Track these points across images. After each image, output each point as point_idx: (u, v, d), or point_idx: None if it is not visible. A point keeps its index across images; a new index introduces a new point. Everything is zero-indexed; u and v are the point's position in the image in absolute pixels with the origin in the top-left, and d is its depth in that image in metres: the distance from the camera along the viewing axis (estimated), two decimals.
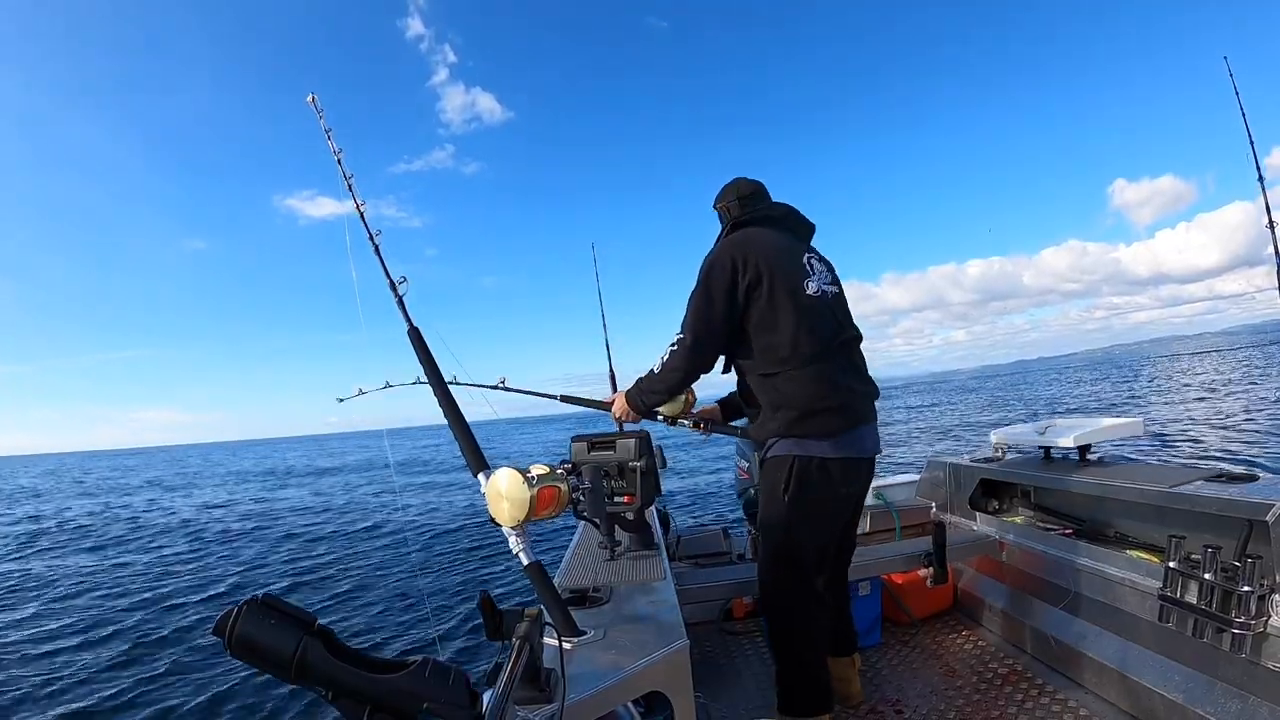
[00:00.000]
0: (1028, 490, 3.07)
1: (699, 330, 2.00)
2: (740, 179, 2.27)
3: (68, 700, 4.55)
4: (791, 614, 2.04)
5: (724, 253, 2.01)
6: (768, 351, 1.99)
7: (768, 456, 2.04)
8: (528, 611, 1.04)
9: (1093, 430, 2.72)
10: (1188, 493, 2.10)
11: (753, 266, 1.96)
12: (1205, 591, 1.85)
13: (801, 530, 2.01)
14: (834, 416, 1.97)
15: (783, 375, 1.98)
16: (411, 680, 0.75)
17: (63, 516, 16.27)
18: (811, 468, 1.96)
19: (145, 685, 4.70)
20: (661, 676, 1.34)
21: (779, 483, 1.98)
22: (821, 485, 1.98)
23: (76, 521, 14.86)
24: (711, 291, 1.98)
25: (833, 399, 1.97)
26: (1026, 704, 2.27)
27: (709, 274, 2.00)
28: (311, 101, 1.87)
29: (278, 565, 8.76)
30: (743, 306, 1.98)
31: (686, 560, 3.17)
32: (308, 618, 0.72)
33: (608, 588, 1.79)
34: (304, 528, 11.52)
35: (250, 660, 0.68)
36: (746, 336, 2.02)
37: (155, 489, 23.57)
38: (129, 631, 6.01)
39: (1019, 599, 2.75)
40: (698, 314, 2.00)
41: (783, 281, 1.97)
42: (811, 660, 2.05)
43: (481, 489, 1.43)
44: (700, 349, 2.01)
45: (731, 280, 1.96)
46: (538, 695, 1.08)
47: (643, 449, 2.16)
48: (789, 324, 1.95)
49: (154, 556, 9.87)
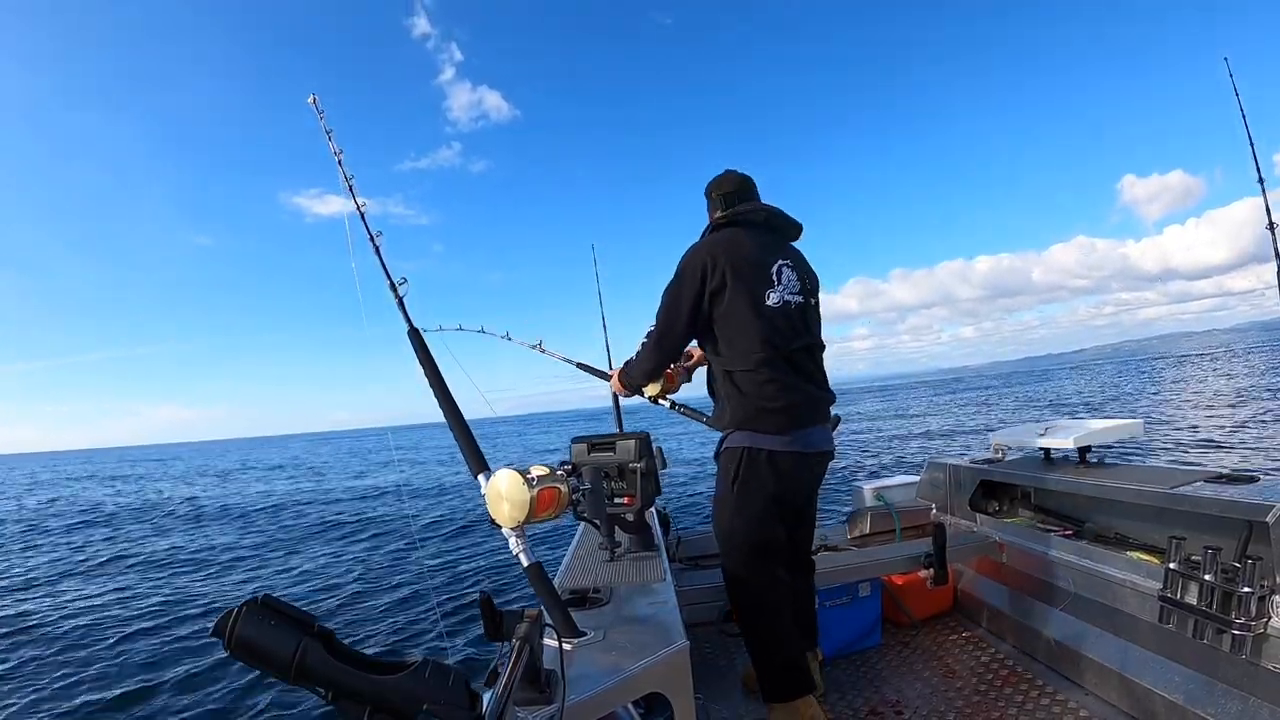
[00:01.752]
0: (1028, 491, 3.07)
1: (663, 326, 2.16)
2: (728, 173, 2.33)
3: (65, 699, 4.54)
4: (750, 598, 2.11)
5: (697, 256, 2.13)
6: (728, 350, 2.11)
7: (722, 449, 2.16)
8: (528, 612, 1.04)
9: (1092, 431, 2.72)
10: (1188, 494, 2.10)
11: (719, 273, 2.07)
12: (1205, 593, 1.85)
13: (747, 517, 2.09)
14: (782, 416, 2.07)
15: (739, 374, 2.10)
16: (411, 681, 0.75)
17: (51, 512, 16.27)
18: (760, 459, 2.07)
19: (143, 685, 4.69)
20: (661, 677, 1.34)
21: (729, 472, 2.11)
22: (768, 475, 2.08)
23: (72, 516, 14.87)
24: (681, 290, 2.11)
25: (783, 399, 2.07)
26: (1027, 705, 2.27)
27: (681, 274, 2.13)
28: (313, 102, 1.87)
29: (278, 559, 8.77)
30: (708, 309, 2.11)
31: (687, 561, 3.17)
32: (307, 619, 0.72)
33: (608, 589, 1.79)
34: (305, 523, 11.53)
35: (250, 661, 0.68)
36: (713, 333, 2.14)
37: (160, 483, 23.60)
38: (126, 629, 6.00)
39: (1019, 600, 2.75)
40: (666, 311, 2.15)
41: (745, 290, 2.08)
42: (777, 643, 2.09)
43: (482, 490, 1.43)
44: (663, 343, 2.19)
45: (700, 284, 2.09)
46: (538, 696, 1.08)
47: (643, 450, 2.16)
48: (749, 329, 2.07)
49: (159, 549, 9.88)
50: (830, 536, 3.40)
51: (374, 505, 14.74)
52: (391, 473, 22.30)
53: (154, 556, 9.90)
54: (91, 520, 14.55)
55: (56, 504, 19.23)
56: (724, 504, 2.12)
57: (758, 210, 2.25)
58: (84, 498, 20.76)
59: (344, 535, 10.57)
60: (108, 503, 18.65)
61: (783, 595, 2.13)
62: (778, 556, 2.16)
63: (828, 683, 2.55)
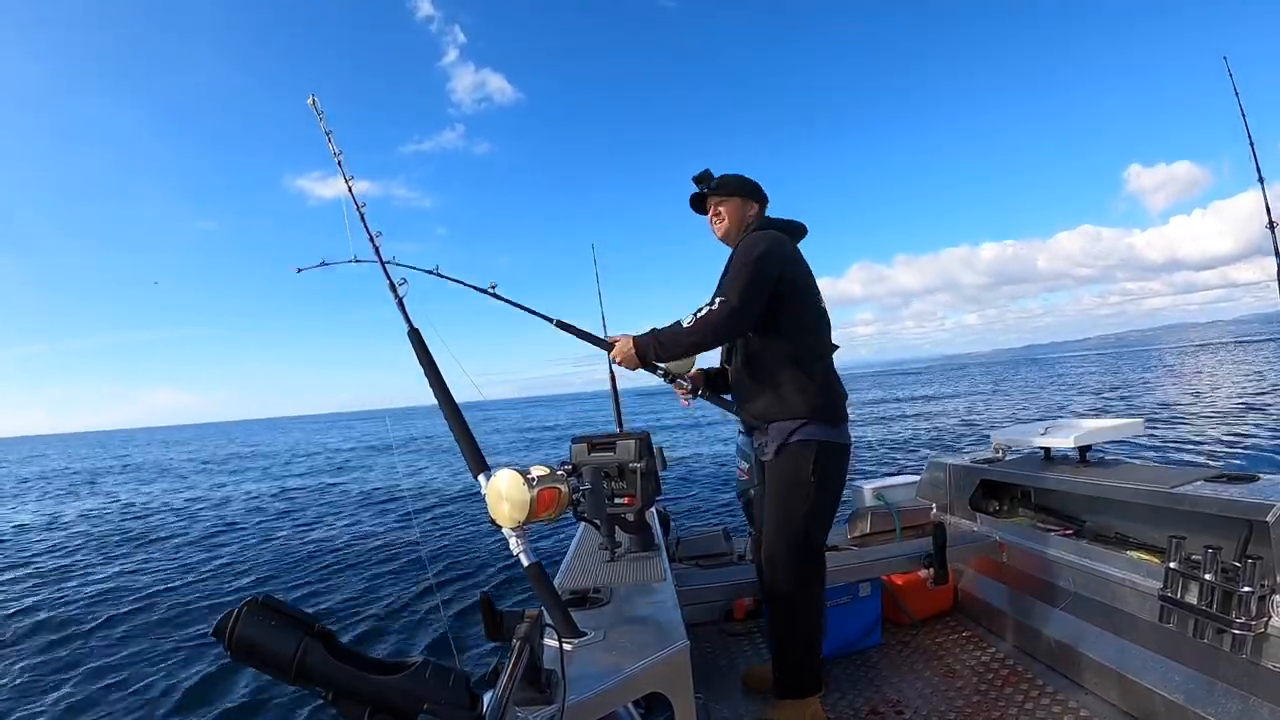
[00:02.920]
0: (1028, 491, 3.07)
1: (747, 298, 2.03)
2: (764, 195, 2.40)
3: (60, 694, 4.54)
4: (805, 598, 2.13)
5: (778, 245, 2.15)
6: (800, 337, 2.15)
7: (790, 441, 2.09)
8: (528, 613, 1.04)
9: (1093, 430, 2.72)
10: (1188, 493, 2.10)
11: (792, 265, 2.16)
12: (1205, 592, 1.85)
13: (822, 514, 2.14)
14: (843, 410, 2.20)
15: (810, 363, 2.14)
16: (411, 681, 0.75)
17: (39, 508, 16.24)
18: (837, 453, 2.15)
19: (140, 684, 4.68)
20: (662, 677, 1.34)
21: (805, 466, 2.08)
22: (840, 471, 2.17)
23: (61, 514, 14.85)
24: (763, 270, 2.06)
25: (842, 394, 2.22)
26: (1027, 705, 2.27)
27: (767, 254, 2.09)
28: (312, 104, 1.88)
29: (274, 554, 8.75)
30: (784, 294, 2.10)
31: (687, 561, 3.17)
32: (308, 619, 0.73)
33: (608, 589, 1.79)
34: (306, 513, 11.52)
35: (250, 662, 0.68)
36: (778, 321, 2.12)
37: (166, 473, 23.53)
38: (118, 629, 5.98)
39: (1019, 600, 2.75)
40: (749, 285, 2.03)
41: (809, 287, 2.20)
42: (811, 641, 2.16)
43: (482, 490, 1.43)
44: (741, 315, 2.04)
45: (780, 269, 2.09)
46: (538, 696, 1.08)
47: (643, 450, 2.16)
48: (817, 323, 2.20)
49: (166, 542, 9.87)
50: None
51: (374, 491, 14.74)
52: (393, 462, 22.27)
53: (149, 553, 9.89)
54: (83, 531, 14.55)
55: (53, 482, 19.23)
56: (799, 497, 2.10)
57: (791, 223, 2.35)
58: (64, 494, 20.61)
59: (345, 529, 10.55)
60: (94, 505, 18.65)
61: (822, 597, 2.20)
62: (822, 555, 2.23)
63: (829, 682, 2.55)
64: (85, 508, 16.16)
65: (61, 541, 11.56)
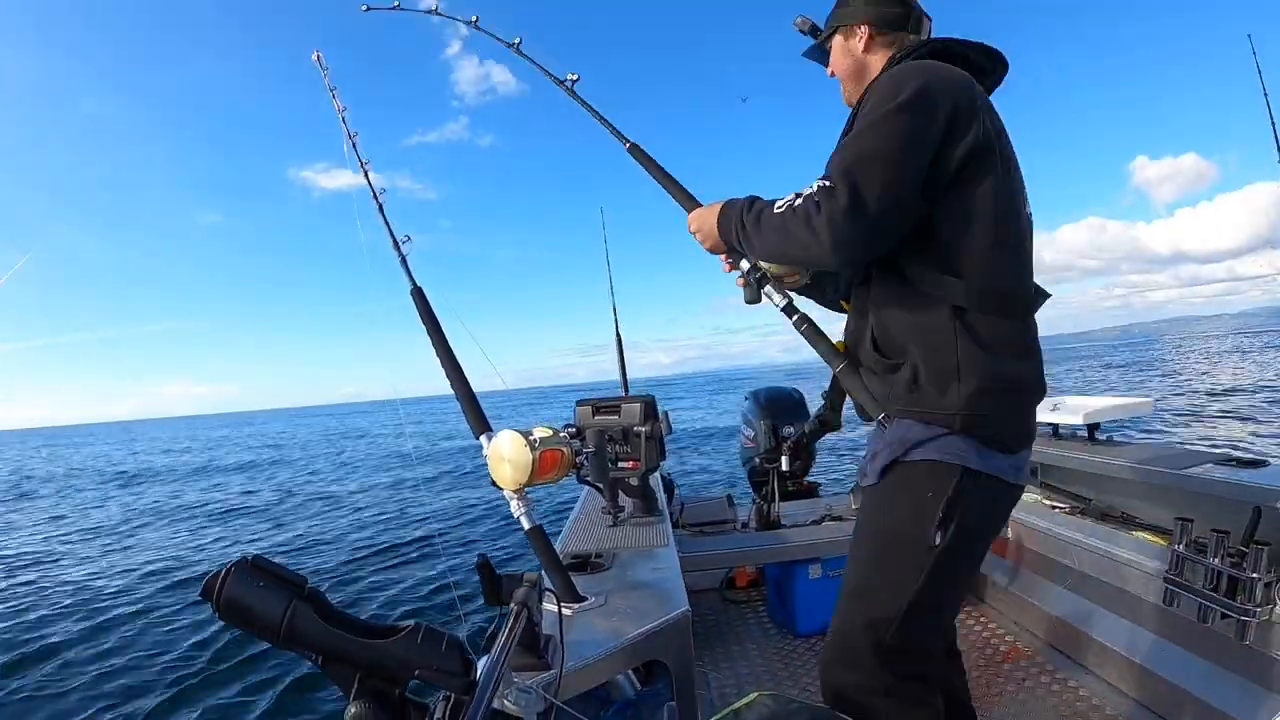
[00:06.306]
0: (1035, 467, 3.04)
1: (874, 184, 1.08)
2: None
3: (55, 687, 4.53)
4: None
5: (939, 81, 1.16)
6: (972, 267, 1.17)
7: (908, 457, 1.19)
8: (527, 576, 1.02)
9: (1102, 408, 2.68)
10: (1197, 475, 2.06)
11: (979, 124, 1.15)
12: (1211, 576, 1.82)
13: (943, 591, 1.24)
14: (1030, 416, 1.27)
15: (983, 318, 1.17)
16: (404, 646, 0.73)
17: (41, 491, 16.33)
18: (993, 495, 1.22)
19: (130, 650, 4.69)
20: (662, 644, 1.33)
21: (927, 506, 1.17)
22: (989, 527, 1.30)
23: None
24: (913, 130, 1.11)
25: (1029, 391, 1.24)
26: (1027, 683, 2.28)
27: (919, 95, 1.12)
28: (316, 59, 1.86)
29: (278, 524, 8.86)
30: (951, 175, 1.15)
31: (690, 527, 3.17)
32: (298, 580, 0.70)
33: (610, 553, 1.78)
34: (313, 493, 11.66)
35: (238, 623, 0.66)
36: (931, 234, 1.18)
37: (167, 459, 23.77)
38: (114, 599, 6.01)
39: (1024, 577, 2.74)
40: (878, 158, 1.10)
41: (1011, 173, 1.22)
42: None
43: (483, 451, 1.41)
44: (859, 216, 1.08)
45: (948, 128, 1.13)
46: (535, 662, 1.07)
47: (648, 413, 2.13)
48: (1011, 242, 1.21)
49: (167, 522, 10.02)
50: (834, 506, 3.40)
51: (381, 477, 14.86)
52: (401, 445, 22.43)
53: (150, 520, 10.03)
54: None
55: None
56: (905, 554, 1.21)
57: (970, 46, 1.30)
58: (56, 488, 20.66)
59: (349, 501, 10.66)
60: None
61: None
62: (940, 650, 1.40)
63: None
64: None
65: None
